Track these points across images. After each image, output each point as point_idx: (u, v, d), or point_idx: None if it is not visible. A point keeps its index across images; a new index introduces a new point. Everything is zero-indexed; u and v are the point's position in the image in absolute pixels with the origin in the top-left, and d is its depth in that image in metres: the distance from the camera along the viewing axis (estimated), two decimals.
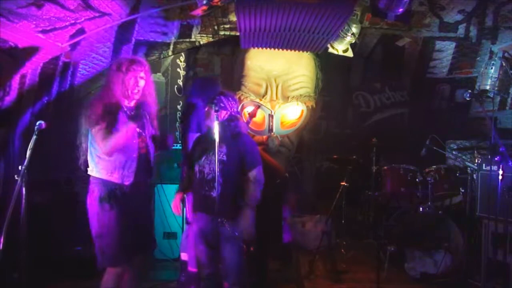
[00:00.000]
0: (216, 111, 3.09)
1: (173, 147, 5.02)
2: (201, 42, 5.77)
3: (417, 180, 4.77)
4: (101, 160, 2.99)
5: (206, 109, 3.32)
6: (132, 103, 3.12)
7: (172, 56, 6.03)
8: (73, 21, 3.91)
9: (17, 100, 4.44)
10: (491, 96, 4.34)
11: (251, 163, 3.28)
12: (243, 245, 3.29)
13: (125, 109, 3.06)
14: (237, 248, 3.21)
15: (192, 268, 4.06)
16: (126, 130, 2.94)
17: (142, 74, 3.08)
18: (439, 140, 4.79)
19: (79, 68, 4.96)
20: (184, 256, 4.09)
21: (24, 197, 2.68)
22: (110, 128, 2.92)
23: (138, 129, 3.08)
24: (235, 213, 3.18)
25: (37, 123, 2.81)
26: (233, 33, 5.35)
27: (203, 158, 3.25)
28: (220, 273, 3.32)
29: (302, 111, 5.46)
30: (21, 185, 2.66)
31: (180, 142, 4.74)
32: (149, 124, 3.21)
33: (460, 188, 4.60)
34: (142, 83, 3.08)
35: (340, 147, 5.95)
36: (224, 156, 3.20)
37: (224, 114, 3.26)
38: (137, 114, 3.09)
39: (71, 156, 5.83)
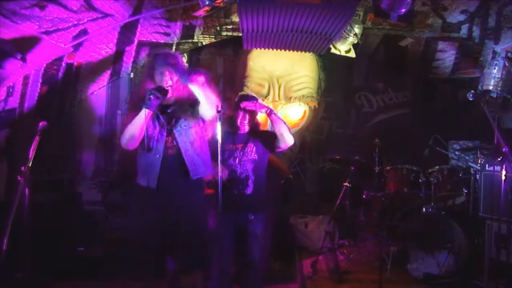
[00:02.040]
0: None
1: None
2: (204, 43, 5.78)
3: (420, 180, 4.76)
4: (138, 165, 3.01)
5: (236, 112, 3.39)
6: (170, 100, 3.00)
7: None
8: (76, 22, 3.93)
9: (20, 101, 4.46)
10: (494, 96, 4.32)
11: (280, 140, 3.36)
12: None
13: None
14: (261, 246, 3.31)
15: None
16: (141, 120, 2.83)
17: (170, 70, 2.93)
18: (442, 140, 4.78)
19: (81, 68, 4.98)
20: None
21: (27, 197, 2.69)
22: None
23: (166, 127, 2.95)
24: (264, 209, 3.35)
25: (40, 124, 2.81)
26: (235, 33, 5.36)
27: (235, 158, 3.31)
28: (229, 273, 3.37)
29: (305, 111, 5.46)
30: (24, 185, 2.67)
31: None
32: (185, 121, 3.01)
33: (463, 189, 4.58)
34: (174, 79, 2.94)
35: (343, 148, 5.94)
36: (256, 155, 3.32)
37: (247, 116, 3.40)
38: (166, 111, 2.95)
39: (74, 157, 5.86)
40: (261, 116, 5.24)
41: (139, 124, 2.84)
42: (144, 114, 2.81)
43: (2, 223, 2.60)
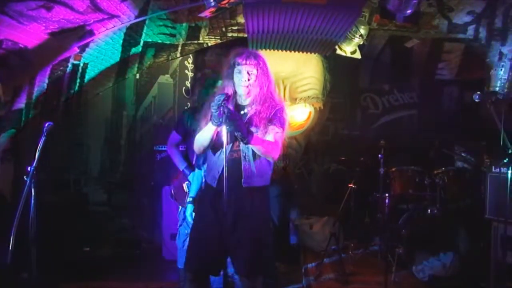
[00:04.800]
0: None
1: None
2: (209, 44, 5.78)
3: (425, 182, 4.74)
4: (207, 162, 3.00)
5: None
6: (246, 101, 2.86)
7: (180, 58, 6.06)
8: (82, 23, 3.94)
9: (26, 102, 4.48)
10: (501, 97, 4.30)
11: None
12: None
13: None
14: None
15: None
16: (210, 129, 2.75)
17: (250, 69, 2.78)
18: (448, 143, 4.76)
19: (88, 69, 4.99)
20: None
21: (33, 197, 2.70)
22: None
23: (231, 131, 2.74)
24: None
25: (46, 124, 2.81)
26: (241, 34, 5.36)
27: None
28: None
29: (310, 112, 5.45)
30: (30, 185, 2.68)
31: None
32: (255, 127, 2.81)
33: (469, 190, 4.56)
34: (252, 79, 2.78)
35: (348, 149, 5.94)
36: None
37: None
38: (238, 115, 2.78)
39: (80, 157, 5.88)
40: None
41: (206, 137, 2.79)
42: (211, 130, 2.75)
43: (9, 223, 2.61)
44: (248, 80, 2.78)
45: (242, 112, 2.86)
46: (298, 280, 4.55)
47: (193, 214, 3.43)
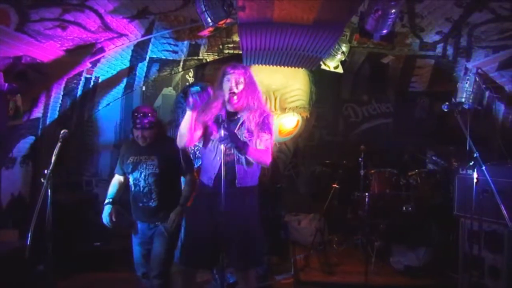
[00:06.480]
0: None
1: None
2: (208, 60, 5.79)
3: (400, 182, 4.76)
4: (202, 164, 2.93)
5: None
6: (236, 107, 2.84)
7: (182, 72, 6.05)
8: (94, 41, 3.93)
9: (44, 111, 4.46)
10: (466, 107, 4.33)
11: (186, 168, 3.26)
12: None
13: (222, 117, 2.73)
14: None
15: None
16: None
17: (237, 77, 2.79)
18: (420, 147, 4.77)
19: (99, 82, 4.97)
20: None
21: (49, 197, 2.68)
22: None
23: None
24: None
25: (62, 131, 2.80)
26: (236, 51, 5.37)
27: (139, 172, 3.22)
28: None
29: (298, 121, 5.47)
30: (47, 186, 2.66)
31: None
32: (248, 133, 2.79)
33: (439, 190, 4.58)
34: (240, 87, 2.78)
35: (332, 153, 5.94)
36: (157, 169, 3.14)
37: None
38: (231, 121, 2.80)
39: (92, 161, 5.85)
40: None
41: (184, 125, 2.72)
42: (188, 116, 2.69)
43: (27, 220, 2.59)
44: (237, 87, 2.78)
45: (234, 117, 2.84)
46: (288, 270, 4.54)
47: (111, 217, 3.32)
